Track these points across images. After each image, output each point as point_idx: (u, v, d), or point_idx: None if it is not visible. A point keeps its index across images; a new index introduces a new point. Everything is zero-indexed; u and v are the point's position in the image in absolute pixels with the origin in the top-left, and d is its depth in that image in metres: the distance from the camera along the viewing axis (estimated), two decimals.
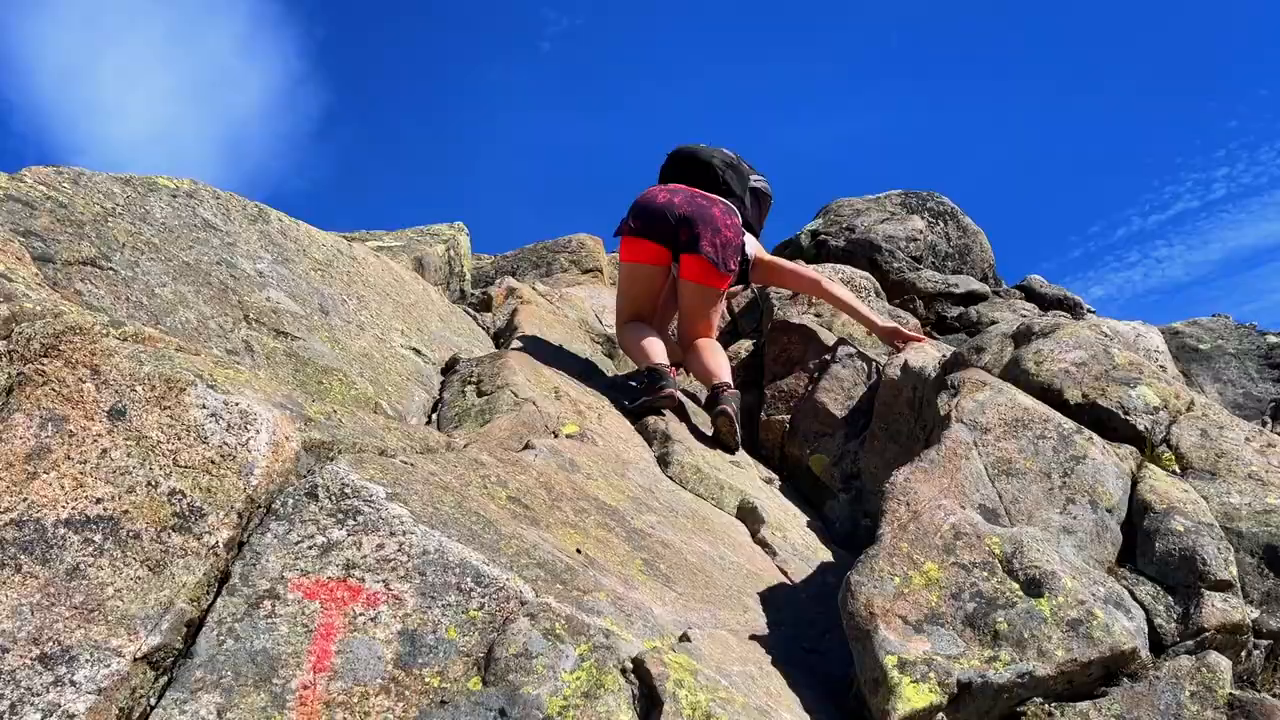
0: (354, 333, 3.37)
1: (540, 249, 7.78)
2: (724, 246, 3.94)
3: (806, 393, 3.90)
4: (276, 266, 3.39)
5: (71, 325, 1.89)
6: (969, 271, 8.00)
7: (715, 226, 3.95)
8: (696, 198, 4.04)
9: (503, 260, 7.65)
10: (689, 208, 3.96)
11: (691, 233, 3.91)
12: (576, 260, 7.50)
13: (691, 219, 3.93)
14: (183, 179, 3.55)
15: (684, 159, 4.38)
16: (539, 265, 7.52)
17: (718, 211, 4.00)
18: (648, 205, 4.02)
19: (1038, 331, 3.22)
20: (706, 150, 4.39)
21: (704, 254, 3.88)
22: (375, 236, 5.25)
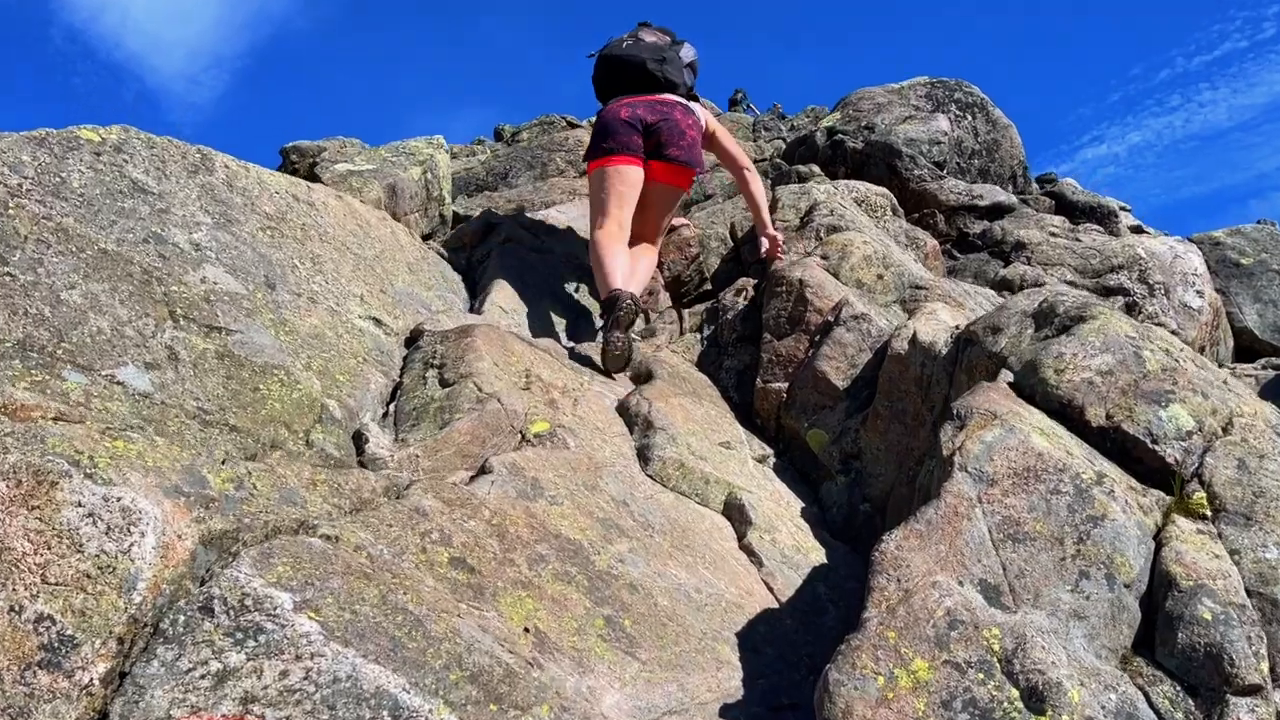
0: (304, 308, 3.10)
1: (535, 147, 7.37)
2: (690, 147, 4.28)
3: (806, 358, 3.64)
4: (217, 232, 3.10)
5: None
6: (997, 169, 7.58)
7: (680, 130, 4.27)
8: (656, 105, 4.33)
9: (495, 161, 7.25)
10: (653, 115, 4.27)
11: (658, 140, 4.22)
12: (573, 160, 7.12)
13: (658, 127, 4.24)
14: (110, 128, 3.22)
15: (616, 65, 4.54)
16: (533, 166, 7.14)
17: (678, 115, 4.32)
18: (613, 122, 4.25)
19: (1061, 315, 2.91)
20: (634, 50, 4.54)
21: (674, 159, 4.21)
22: (346, 156, 4.89)
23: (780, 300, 3.82)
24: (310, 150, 5.78)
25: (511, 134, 14.44)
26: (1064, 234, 5.92)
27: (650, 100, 4.37)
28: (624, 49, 4.56)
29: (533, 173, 7.02)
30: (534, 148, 7.31)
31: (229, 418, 2.43)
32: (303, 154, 5.77)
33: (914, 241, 5.41)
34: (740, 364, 3.91)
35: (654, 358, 3.67)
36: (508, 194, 6.61)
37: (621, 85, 4.51)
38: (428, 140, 5.13)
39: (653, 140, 4.22)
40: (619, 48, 4.59)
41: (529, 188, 6.69)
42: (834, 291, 3.78)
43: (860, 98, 7.48)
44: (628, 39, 4.65)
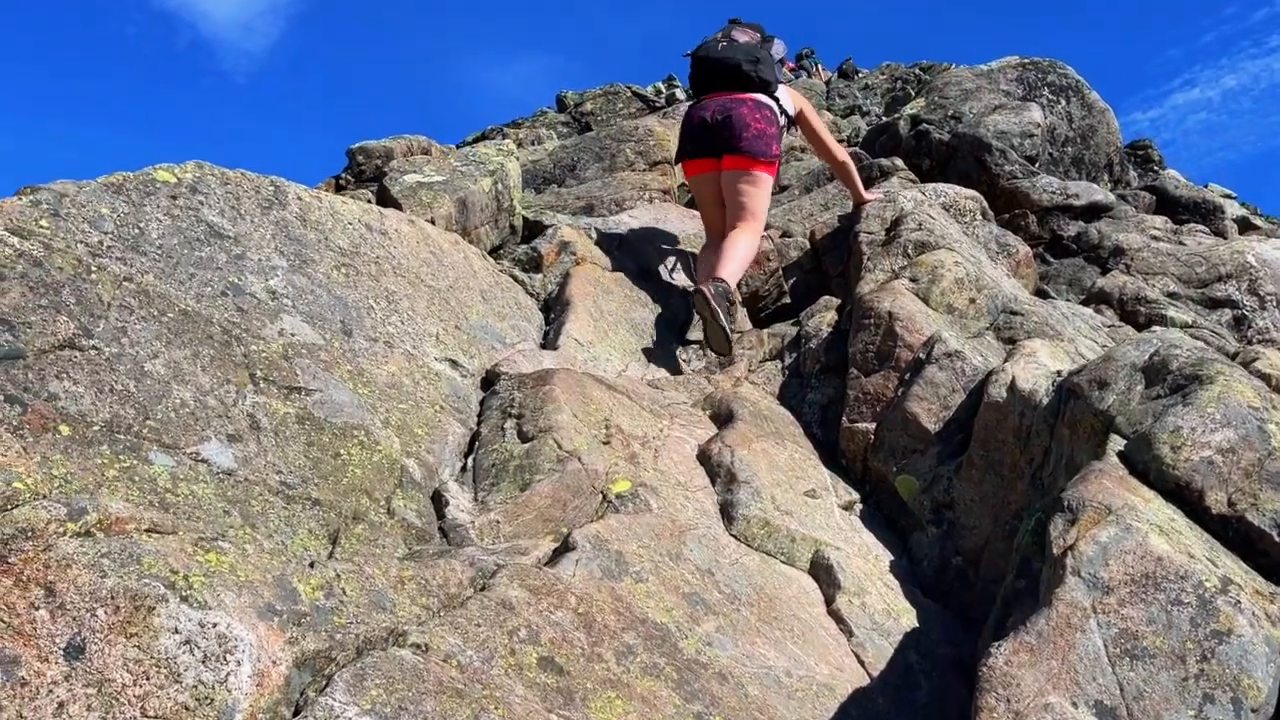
0: (380, 355, 3.12)
1: (604, 138, 7.32)
2: (758, 137, 4.64)
3: (895, 397, 3.57)
4: (293, 276, 3.13)
5: (22, 528, 1.68)
6: (1092, 157, 7.35)
7: (746, 123, 4.64)
8: (726, 103, 4.72)
9: (562, 152, 7.22)
10: (721, 113, 4.68)
11: (726, 134, 4.65)
12: (643, 151, 7.05)
13: (725, 122, 4.66)
14: (186, 165, 3.27)
15: (711, 67, 4.91)
16: (601, 157, 7.10)
17: (746, 110, 4.68)
18: (689, 127, 4.83)
19: (1175, 373, 2.80)
20: (729, 52, 4.88)
21: (743, 150, 4.61)
22: (415, 165, 4.89)
23: (868, 333, 3.75)
24: (376, 151, 5.81)
25: (575, 104, 14.40)
26: (1166, 237, 5.72)
27: (724, 100, 4.76)
28: (719, 51, 4.91)
29: (601, 164, 6.98)
30: (602, 138, 7.26)
31: (311, 490, 2.46)
32: (369, 155, 5.81)
33: (1005, 249, 5.28)
34: (824, 398, 3.85)
35: (735, 395, 3.63)
36: (576, 190, 6.58)
37: (715, 84, 4.88)
38: (498, 148, 5.12)
39: (721, 135, 4.67)
40: (714, 49, 4.93)
41: (598, 183, 6.66)
42: (924, 324, 3.70)
43: (946, 82, 7.28)
44: (722, 39, 5.01)
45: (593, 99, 13.81)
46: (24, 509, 1.73)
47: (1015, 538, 2.95)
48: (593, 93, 14.16)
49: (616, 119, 13.43)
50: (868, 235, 4.76)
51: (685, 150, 4.85)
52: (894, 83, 21.91)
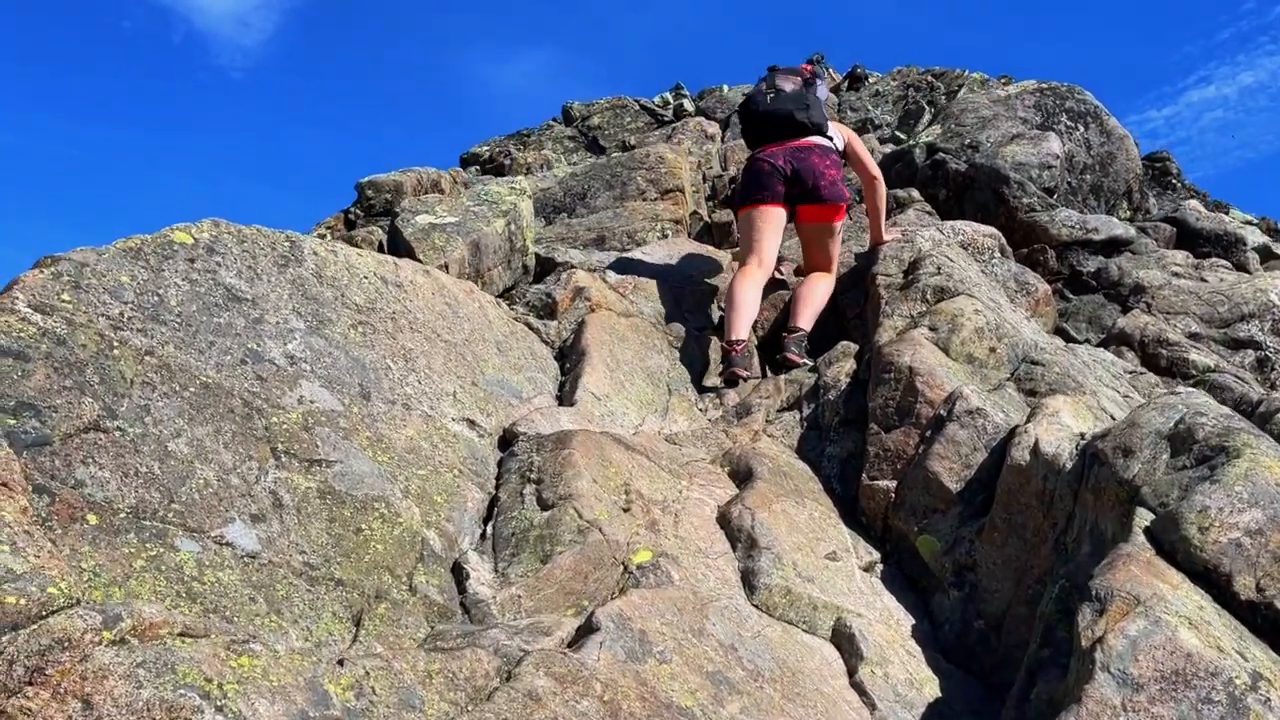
0: (399, 418, 3.17)
1: (614, 164, 7.38)
2: (833, 184, 5.00)
3: (916, 455, 3.61)
4: (310, 339, 3.18)
5: (59, 638, 1.73)
6: (1111, 184, 7.40)
7: (819, 172, 4.99)
8: (795, 153, 5.05)
9: (572, 180, 7.27)
10: (793, 164, 5.00)
11: (803, 185, 4.97)
12: (655, 179, 7.11)
13: (799, 173, 4.98)
14: (202, 224, 3.32)
15: (764, 119, 5.26)
16: (612, 185, 7.15)
17: (815, 159, 5.03)
18: (759, 175, 5.07)
19: (1200, 443, 2.84)
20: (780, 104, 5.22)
21: (820, 200, 4.97)
22: (427, 205, 4.95)
23: (888, 388, 3.79)
24: (386, 185, 5.87)
25: (582, 118, 14.48)
26: (1187, 273, 5.76)
27: (789, 148, 5.08)
28: (770, 103, 5.25)
29: (612, 193, 7.03)
30: (613, 165, 7.31)
31: (334, 570, 2.51)
32: (379, 189, 5.87)
33: (1024, 287, 5.33)
34: (844, 451, 3.90)
35: (753, 451, 3.68)
36: (587, 220, 6.64)
37: (771, 135, 5.21)
38: (510, 186, 5.18)
39: (797, 186, 4.99)
40: (764, 102, 5.29)
41: (609, 213, 6.71)
42: (945, 379, 3.74)
43: (962, 108, 7.33)
44: (768, 90, 5.34)
45: (600, 112, 13.87)
46: (60, 617, 1.78)
47: (1039, 605, 3.00)
48: (600, 105, 14.22)
49: (624, 133, 13.50)
50: (885, 278, 4.81)
51: (752, 197, 5.04)
52: (905, 90, 21.96)
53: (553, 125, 14.33)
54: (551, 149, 13.13)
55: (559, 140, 13.42)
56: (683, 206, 6.96)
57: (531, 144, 13.78)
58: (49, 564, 1.93)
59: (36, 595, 1.81)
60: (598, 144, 13.16)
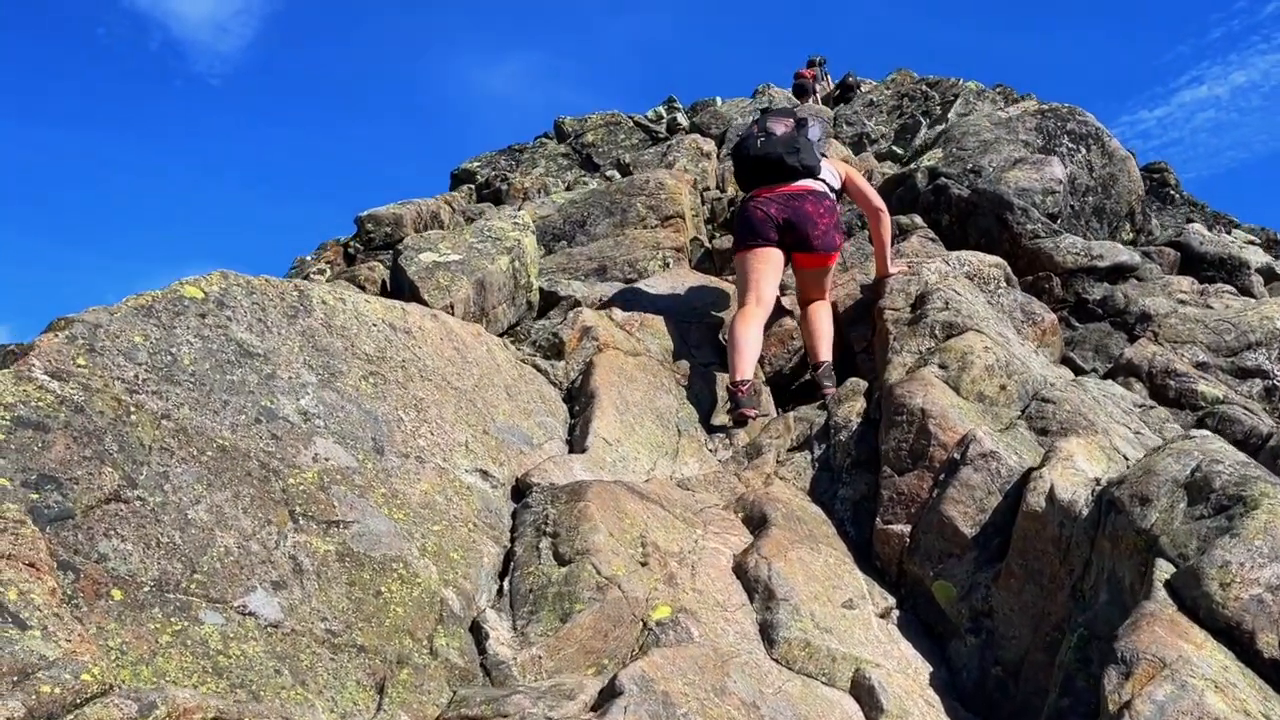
0: (412, 472, 3.21)
1: (614, 191, 7.43)
2: (825, 232, 5.08)
3: (930, 499, 3.66)
4: (323, 393, 3.22)
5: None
6: (1113, 206, 7.48)
7: (812, 220, 5.06)
8: (790, 200, 5.11)
9: (572, 208, 7.32)
10: (786, 213, 5.06)
11: (796, 235, 5.04)
12: (655, 205, 7.16)
13: (792, 223, 5.04)
14: (211, 277, 3.36)
15: (755, 164, 5.32)
16: (612, 212, 7.20)
17: (809, 207, 5.10)
18: (752, 223, 5.12)
19: (1218, 492, 2.90)
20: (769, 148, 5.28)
21: (814, 250, 5.08)
22: (430, 242, 4.98)
23: (900, 430, 3.84)
24: (385, 218, 5.91)
25: (575, 134, 14.54)
26: (1193, 299, 5.83)
27: (783, 194, 5.14)
28: (760, 148, 5.30)
29: (612, 220, 7.08)
30: (613, 192, 7.36)
31: (356, 635, 2.54)
32: (379, 222, 5.91)
33: (1030, 317, 5.39)
34: (856, 494, 3.94)
35: (766, 496, 3.72)
36: (588, 249, 6.69)
37: (761, 178, 5.27)
38: (514, 222, 5.22)
39: (790, 235, 5.06)
40: (754, 147, 5.33)
41: (610, 241, 6.76)
42: (958, 421, 3.79)
43: (963, 132, 7.40)
44: (759, 134, 5.39)
45: (593, 129, 13.95)
46: (96, 707, 1.81)
47: (1058, 653, 3.05)
48: (593, 121, 14.31)
49: (619, 150, 13.57)
50: (893, 312, 4.86)
51: (747, 243, 5.09)
52: (900, 100, 22.08)
53: (545, 142, 14.40)
54: (545, 167, 13.19)
55: (552, 158, 13.49)
56: (683, 233, 7.01)
57: (525, 161, 13.84)
58: (80, 648, 1.96)
59: (71, 683, 1.84)
60: (592, 161, 13.23)
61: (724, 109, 15.99)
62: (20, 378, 2.54)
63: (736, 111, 15.35)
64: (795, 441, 4.37)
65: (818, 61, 22.67)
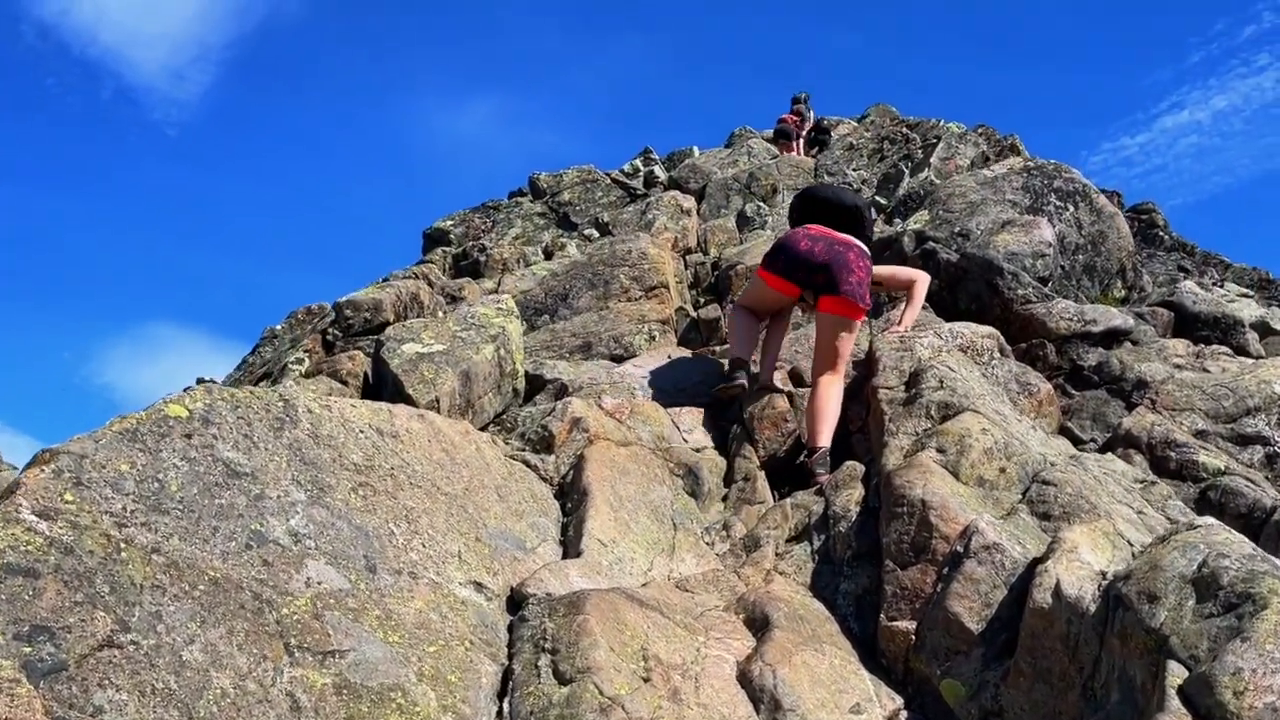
0: (406, 589, 3.25)
1: (595, 262, 7.54)
2: (859, 285, 5.31)
3: (935, 593, 3.72)
4: (313, 510, 3.26)
5: None
6: (1103, 264, 7.64)
7: (850, 268, 5.30)
8: (835, 245, 5.41)
9: (554, 280, 7.42)
10: (828, 255, 5.34)
11: (829, 277, 5.29)
12: (638, 276, 7.28)
13: (829, 264, 5.31)
14: (196, 393, 3.41)
15: (820, 202, 5.77)
16: (594, 284, 7.31)
17: (852, 256, 5.36)
18: (792, 249, 5.45)
19: (1226, 589, 2.98)
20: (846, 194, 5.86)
21: (844, 294, 5.25)
22: (413, 333, 5.05)
23: (901, 523, 3.91)
24: (365, 304, 5.99)
25: (551, 192, 14.71)
26: (1189, 363, 5.96)
27: (831, 238, 5.47)
28: (835, 190, 5.99)
29: (595, 292, 7.18)
30: (595, 264, 7.47)
31: None
32: (357, 308, 5.98)
33: (1026, 388, 5.50)
34: (858, 588, 4.00)
35: (768, 596, 3.78)
36: (572, 324, 6.78)
37: (822, 218, 5.68)
38: (498, 308, 5.30)
39: (823, 276, 5.31)
40: (826, 189, 6.07)
41: (594, 315, 6.85)
42: (959, 512, 3.87)
43: (949, 193, 7.57)
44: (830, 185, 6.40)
45: (569, 186, 14.13)
46: None
47: None
48: (569, 178, 14.49)
49: (596, 208, 13.74)
50: (887, 391, 4.96)
51: (777, 268, 5.48)
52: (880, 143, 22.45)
53: (520, 200, 14.57)
54: (521, 227, 13.34)
55: (528, 217, 13.64)
56: (668, 304, 7.12)
57: (500, 221, 13.98)
58: None
59: None
60: (569, 220, 13.39)
61: (701, 161, 16.23)
62: (8, 520, 2.57)
63: (715, 164, 15.59)
64: (793, 531, 4.43)
65: (801, 99, 23.02)
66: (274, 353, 8.19)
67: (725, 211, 12.43)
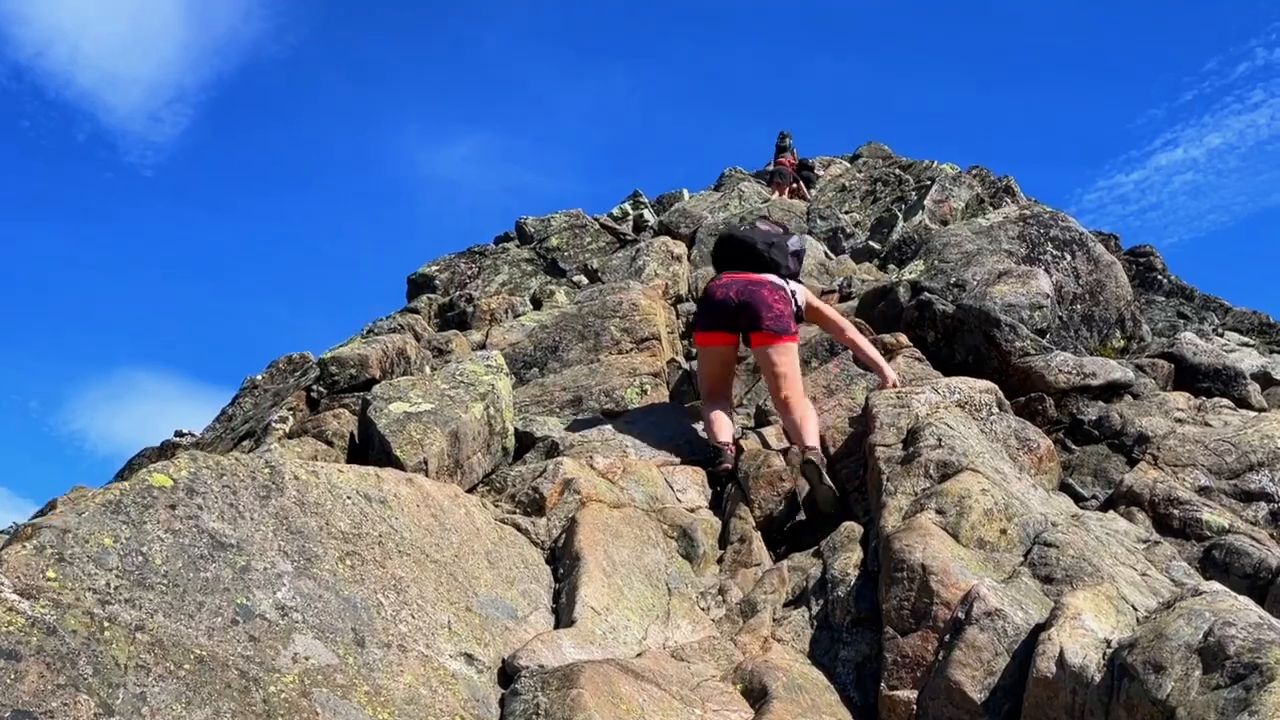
0: (395, 663, 3.25)
1: (585, 314, 7.59)
2: (779, 317, 5.80)
3: (936, 661, 3.74)
4: (300, 582, 3.27)
5: None
6: (1102, 314, 7.72)
7: (767, 304, 5.82)
8: (748, 285, 5.91)
9: (543, 333, 7.46)
10: (743, 296, 5.85)
11: (750, 316, 5.81)
12: (629, 328, 7.32)
13: (748, 304, 5.82)
14: (180, 461, 3.43)
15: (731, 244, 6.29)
16: (585, 336, 7.36)
17: (766, 292, 5.87)
18: (711, 302, 5.98)
19: (1233, 659, 3.00)
20: (748, 234, 6.30)
21: (766, 329, 5.76)
22: (400, 392, 5.07)
23: (901, 588, 3.93)
24: (350, 360, 6.01)
25: (539, 237, 14.80)
26: (1191, 417, 6.01)
27: (743, 280, 5.95)
28: (741, 232, 6.41)
29: (585, 344, 7.23)
30: (585, 315, 7.52)
31: None
32: (343, 365, 6.01)
33: (1025, 444, 5.54)
34: (858, 655, 4.01)
35: (765, 666, 3.78)
36: (562, 378, 6.81)
37: (731, 261, 6.19)
38: (486, 365, 5.33)
39: (746, 315, 5.82)
40: (737, 230, 6.51)
41: (584, 368, 6.89)
42: (960, 576, 3.89)
43: (945, 243, 7.66)
44: (746, 225, 6.56)
45: (558, 233, 14.21)
46: None
47: None
48: (558, 223, 14.57)
49: (585, 254, 13.83)
50: (884, 449, 4.99)
51: (705, 323, 5.99)
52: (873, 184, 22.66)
53: (507, 246, 14.64)
54: (509, 274, 13.40)
55: (515, 263, 13.71)
56: (660, 356, 7.16)
57: (487, 267, 14.05)
58: None
59: None
60: (558, 266, 13.46)
61: (692, 205, 16.37)
62: None
63: (705, 208, 15.72)
64: (791, 595, 4.44)
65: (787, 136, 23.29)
66: (255, 407, 8.20)
67: None
